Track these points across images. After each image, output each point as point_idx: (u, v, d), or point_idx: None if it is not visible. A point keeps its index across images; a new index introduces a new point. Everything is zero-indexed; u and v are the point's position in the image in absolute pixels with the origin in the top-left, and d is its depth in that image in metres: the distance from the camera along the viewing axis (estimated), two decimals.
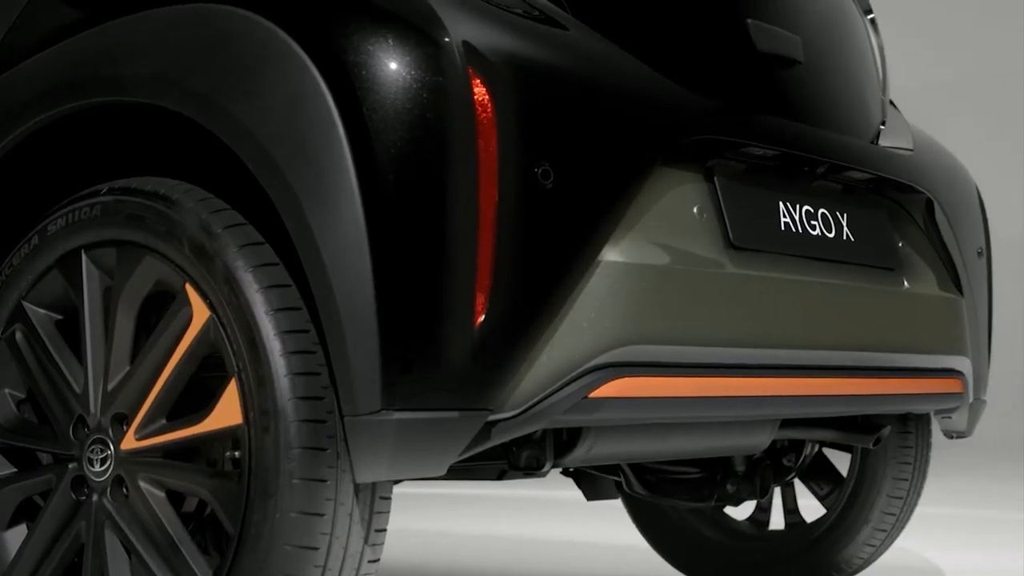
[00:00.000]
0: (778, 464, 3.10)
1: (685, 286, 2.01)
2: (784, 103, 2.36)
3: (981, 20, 10.00)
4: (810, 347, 2.25)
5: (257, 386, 1.77)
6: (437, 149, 1.75)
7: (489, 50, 1.80)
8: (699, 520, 3.34)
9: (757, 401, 2.19)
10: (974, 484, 6.53)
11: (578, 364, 1.85)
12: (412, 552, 4.24)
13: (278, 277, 1.81)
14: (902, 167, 2.62)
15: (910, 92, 9.96)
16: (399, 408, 1.72)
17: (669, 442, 2.38)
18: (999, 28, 9.95)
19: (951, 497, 5.70)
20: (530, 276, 1.81)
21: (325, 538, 1.76)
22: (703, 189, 2.14)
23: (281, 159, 1.76)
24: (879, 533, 3.07)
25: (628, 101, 1.99)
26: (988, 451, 8.26)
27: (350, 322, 1.72)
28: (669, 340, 1.97)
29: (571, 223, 1.86)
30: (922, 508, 3.15)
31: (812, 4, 2.58)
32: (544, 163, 1.82)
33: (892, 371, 2.50)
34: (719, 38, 2.27)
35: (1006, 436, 9.02)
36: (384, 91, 1.74)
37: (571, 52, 1.95)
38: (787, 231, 2.27)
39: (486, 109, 1.77)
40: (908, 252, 2.63)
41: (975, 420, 2.91)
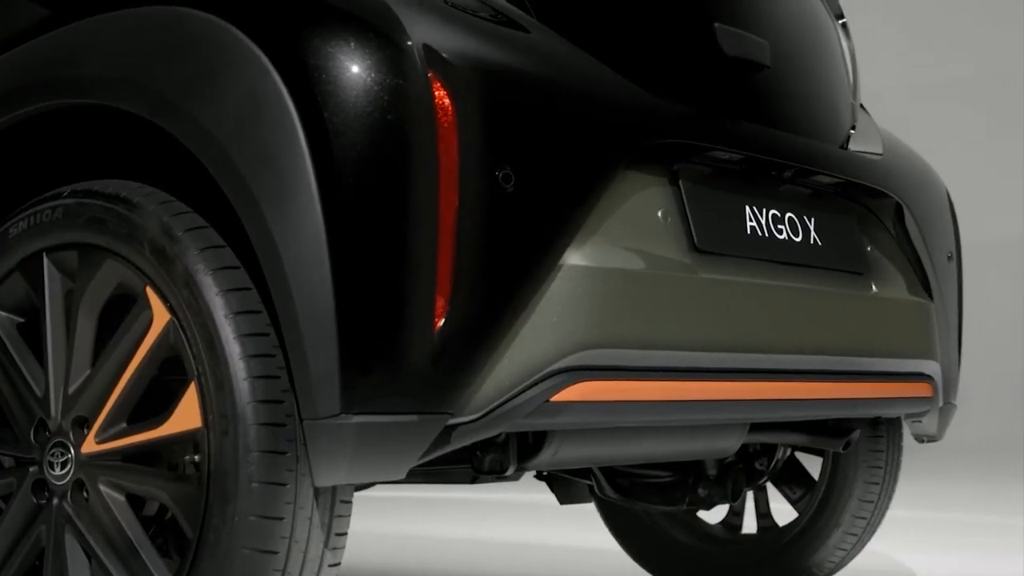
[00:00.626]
0: (750, 468, 3.10)
1: (648, 290, 2.01)
2: (751, 107, 2.36)
3: (981, 20, 10.03)
4: (776, 351, 2.25)
5: (216, 390, 1.76)
6: (397, 153, 1.74)
7: (450, 53, 1.80)
8: (671, 524, 3.34)
9: (722, 405, 2.19)
10: (959, 488, 6.52)
11: (540, 368, 1.85)
12: (384, 555, 4.23)
13: (238, 280, 1.80)
14: (871, 171, 2.62)
15: (910, 93, 10.03)
16: (358, 412, 1.71)
17: (636, 446, 2.38)
18: (999, 28, 9.98)
19: (927, 501, 5.72)
20: (491, 280, 1.81)
21: (284, 542, 1.76)
22: (668, 193, 2.14)
23: (242, 163, 1.76)
24: (850, 537, 3.07)
25: (591, 105, 1.99)
26: (990, 452, 8.29)
27: (309, 325, 1.71)
28: (632, 344, 1.97)
29: (533, 227, 1.86)
30: (909, 512, 3.17)
31: (780, 8, 2.59)
32: (506, 167, 1.82)
33: (860, 375, 2.50)
34: (685, 42, 2.27)
35: (1007, 437, 9.04)
36: (344, 95, 1.74)
37: (533, 55, 1.95)
38: (753, 235, 2.28)
39: (447, 113, 1.77)
40: (877, 256, 2.63)
41: (945, 424, 2.92)
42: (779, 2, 2.60)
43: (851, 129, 2.70)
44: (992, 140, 9.97)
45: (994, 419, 9.36)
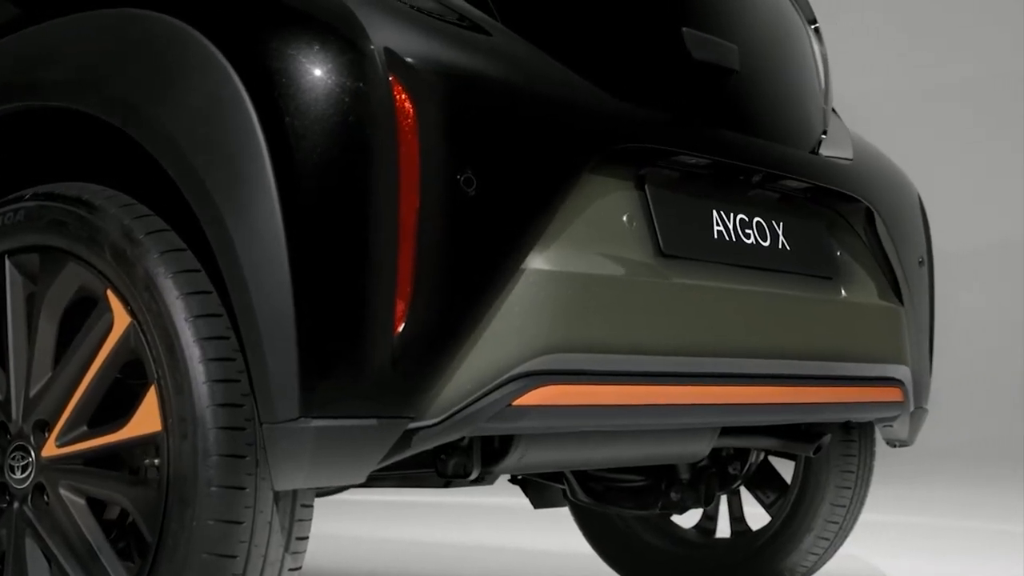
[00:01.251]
0: (723, 472, 3.10)
1: (612, 294, 2.00)
2: (719, 112, 2.36)
3: (981, 21, 10.06)
4: (743, 355, 2.25)
5: (176, 393, 1.76)
6: (357, 156, 1.74)
7: (412, 57, 1.80)
8: (645, 528, 3.34)
9: (690, 409, 2.18)
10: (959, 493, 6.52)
11: (501, 372, 1.85)
12: (359, 559, 4.23)
13: (199, 283, 1.80)
14: (840, 177, 2.62)
15: (910, 94, 10.05)
16: (317, 416, 1.71)
17: (604, 450, 2.38)
18: (999, 29, 10.02)
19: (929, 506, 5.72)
20: (452, 284, 1.81)
21: (244, 546, 1.75)
22: (634, 197, 2.13)
23: (201, 166, 1.76)
24: (822, 541, 3.07)
25: (554, 109, 1.99)
26: (991, 456, 8.28)
27: (268, 329, 1.71)
28: (596, 348, 1.97)
29: (495, 231, 1.86)
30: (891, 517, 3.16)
31: (751, 13, 2.59)
32: (467, 171, 1.82)
33: (829, 380, 2.50)
34: (652, 46, 2.27)
35: (1007, 438, 9.04)
36: (304, 98, 1.73)
37: (496, 59, 1.95)
38: (720, 239, 2.28)
39: (408, 116, 1.77)
40: (846, 261, 2.63)
41: (917, 429, 2.92)
42: (749, 7, 2.60)
43: (822, 134, 2.70)
44: (993, 141, 10.00)
45: (995, 421, 9.38)
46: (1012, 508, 5.48)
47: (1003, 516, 5.24)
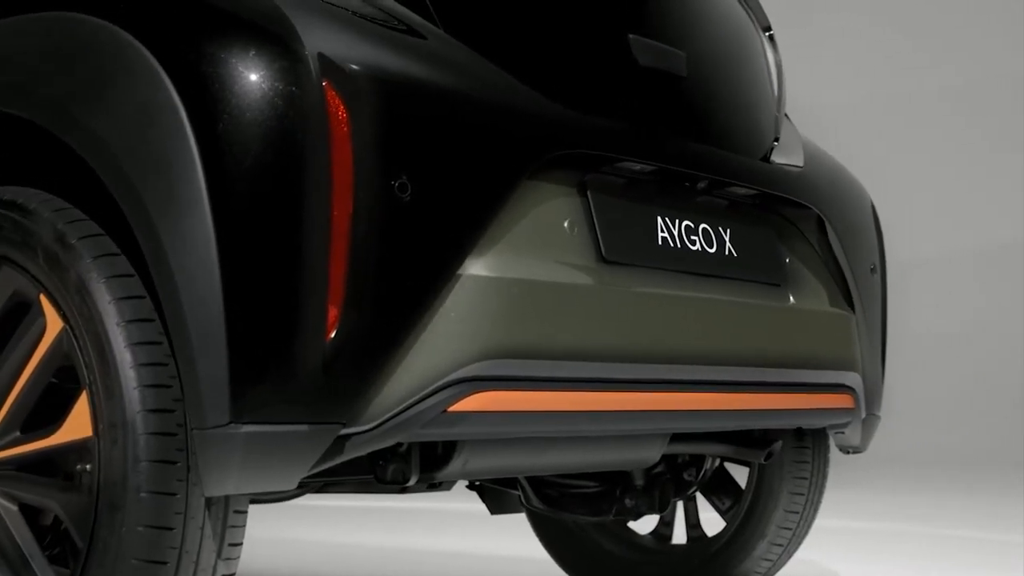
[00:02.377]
0: (678, 478, 3.10)
1: (552, 300, 2.00)
2: (665, 118, 2.36)
3: (979, 24, 10.11)
4: (687, 362, 2.25)
5: (106, 398, 1.75)
6: (289, 162, 1.73)
7: (346, 62, 1.79)
8: (601, 534, 3.34)
9: (631, 416, 2.18)
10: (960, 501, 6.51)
11: (437, 378, 1.85)
12: (317, 563, 4.22)
13: (131, 288, 1.79)
14: (790, 184, 2.63)
15: (910, 97, 10.08)
16: (247, 421, 1.70)
17: (551, 456, 2.38)
18: (997, 32, 10.07)
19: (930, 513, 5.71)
20: (386, 290, 1.80)
21: (174, 552, 1.74)
22: (576, 203, 2.13)
23: (133, 170, 1.75)
24: (776, 548, 3.08)
25: (493, 114, 1.99)
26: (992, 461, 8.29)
27: (199, 334, 1.70)
28: (534, 354, 1.97)
29: (430, 237, 1.85)
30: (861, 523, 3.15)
31: (700, 20, 2.59)
32: (402, 176, 1.82)
33: (777, 386, 2.50)
34: (597, 53, 2.28)
35: (1008, 442, 9.05)
36: (236, 103, 1.73)
37: (432, 64, 1.94)
38: (664, 246, 2.28)
39: (341, 122, 1.76)
40: (796, 268, 2.63)
41: (869, 435, 2.92)
42: (699, 14, 2.60)
43: (774, 141, 2.70)
44: (993, 143, 10.05)
45: (995, 424, 9.40)
46: (1013, 516, 5.45)
47: (1007, 526, 5.21)
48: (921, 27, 10.29)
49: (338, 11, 1.88)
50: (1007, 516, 5.67)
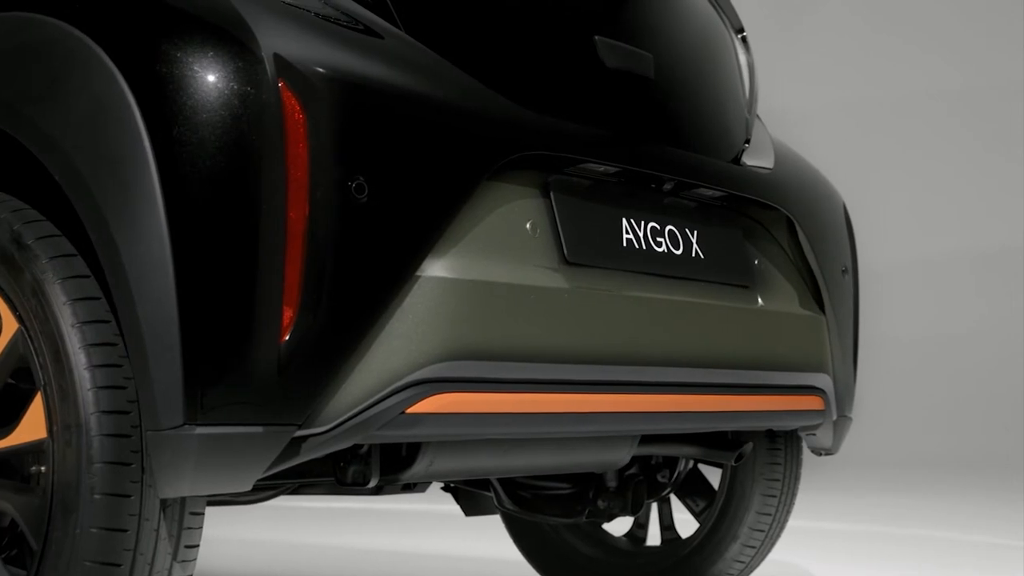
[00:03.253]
0: (652, 480, 3.10)
1: (512, 302, 2.00)
2: (631, 120, 2.36)
3: (982, 30, 10.13)
4: (652, 363, 2.25)
5: (61, 400, 1.74)
6: (244, 162, 1.73)
7: (302, 62, 1.79)
8: (575, 536, 3.34)
9: (594, 418, 2.18)
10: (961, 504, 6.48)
11: (394, 380, 1.84)
12: (295, 565, 4.22)
13: (87, 289, 1.78)
14: (758, 185, 2.62)
15: (910, 100, 10.09)
16: (201, 423, 1.70)
17: (517, 457, 2.38)
18: (1000, 38, 10.08)
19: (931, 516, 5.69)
20: (342, 291, 1.80)
21: (128, 554, 1.74)
22: (539, 204, 2.13)
23: (86, 170, 1.74)
24: (748, 550, 3.07)
25: (452, 115, 1.98)
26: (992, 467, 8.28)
27: (152, 335, 1.70)
28: (494, 356, 1.96)
29: (388, 238, 1.85)
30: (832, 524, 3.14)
31: (670, 22, 2.59)
32: (359, 177, 1.81)
33: (745, 388, 2.50)
34: (561, 54, 2.27)
35: (1005, 445, 9.04)
36: (190, 103, 1.72)
37: (391, 65, 1.93)
38: (629, 247, 2.27)
39: (297, 122, 1.76)
40: (765, 270, 2.63)
41: (841, 437, 2.92)
42: (668, 16, 2.60)
43: (745, 143, 2.70)
44: (993, 146, 10.06)
45: (995, 427, 9.39)
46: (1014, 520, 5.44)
47: (1000, 528, 5.21)
48: (916, 29, 10.31)
49: (295, 11, 1.87)
50: (996, 518, 5.67)
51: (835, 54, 10.40)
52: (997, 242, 10.10)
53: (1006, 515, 5.76)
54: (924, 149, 10.29)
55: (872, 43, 10.37)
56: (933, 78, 10.21)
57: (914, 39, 10.30)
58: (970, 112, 10.19)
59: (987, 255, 10.13)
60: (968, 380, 9.88)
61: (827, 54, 10.41)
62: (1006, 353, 9.83)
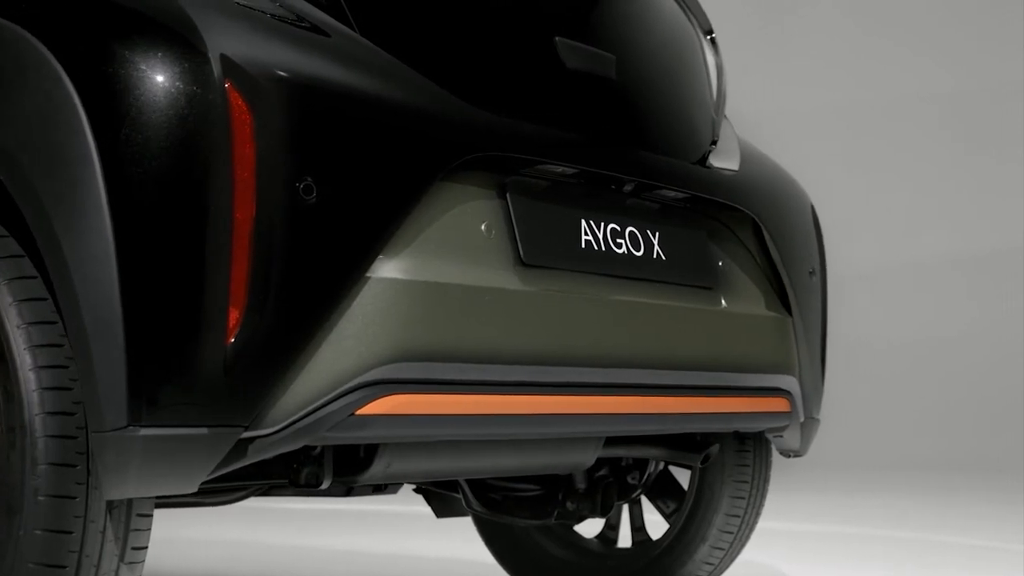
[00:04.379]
0: (622, 482, 3.10)
1: (465, 303, 1.99)
2: (591, 121, 2.35)
3: (973, 32, 10.14)
4: (611, 365, 2.24)
5: (5, 401, 1.74)
6: (189, 163, 1.72)
7: (249, 62, 1.78)
8: (546, 538, 3.33)
9: (551, 419, 2.17)
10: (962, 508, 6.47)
11: (343, 381, 1.84)
12: (263, 565, 4.22)
13: (33, 290, 1.78)
14: (723, 187, 2.62)
15: (901, 103, 10.10)
16: (145, 424, 1.69)
17: (477, 459, 2.37)
18: (991, 40, 10.10)
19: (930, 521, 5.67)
20: (290, 292, 1.79)
21: (73, 556, 1.73)
22: (494, 206, 2.13)
23: (31, 171, 1.74)
24: (717, 552, 3.07)
25: (403, 116, 1.97)
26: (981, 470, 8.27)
27: (97, 336, 1.69)
28: (448, 357, 1.96)
29: (336, 239, 1.84)
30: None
31: (634, 23, 2.59)
32: (307, 178, 1.81)
33: (708, 390, 2.49)
34: (520, 56, 2.27)
35: (1000, 449, 9.03)
36: (136, 103, 1.72)
37: (341, 65, 1.93)
38: (588, 249, 2.27)
39: (244, 123, 1.75)
40: (729, 271, 2.62)
41: (808, 439, 2.92)
42: (633, 17, 2.59)
43: (711, 144, 2.69)
44: (993, 148, 10.07)
45: (988, 429, 9.39)
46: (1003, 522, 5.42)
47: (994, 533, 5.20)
48: (907, 31, 10.31)
49: (244, 11, 1.87)
50: (983, 520, 5.66)
51: (826, 56, 10.40)
52: (988, 244, 10.11)
53: (993, 516, 5.76)
54: (915, 152, 10.29)
55: (863, 45, 10.38)
56: (924, 81, 10.22)
57: (905, 41, 10.30)
58: (961, 115, 10.20)
59: (978, 257, 10.14)
60: (959, 383, 9.88)
61: (818, 56, 10.42)
62: (998, 356, 9.84)
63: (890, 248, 10.31)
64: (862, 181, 10.32)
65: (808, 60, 10.43)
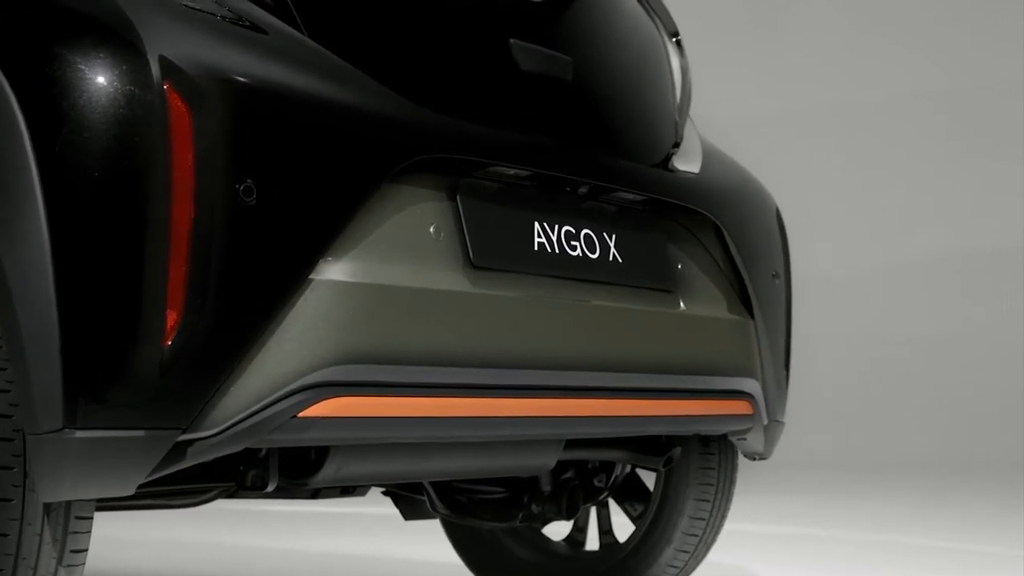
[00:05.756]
0: (588, 484, 3.09)
1: (411, 305, 1.99)
2: (546, 124, 2.35)
3: (967, 30, 10.14)
4: (563, 368, 2.24)
5: None
6: (127, 165, 1.72)
7: (189, 63, 1.77)
8: (514, 540, 3.33)
9: (499, 422, 2.17)
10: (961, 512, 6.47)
11: (285, 383, 1.83)
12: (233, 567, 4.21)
13: None
14: (681, 190, 2.61)
15: (895, 101, 10.10)
16: (81, 427, 1.68)
17: (432, 461, 2.36)
18: (986, 38, 10.09)
19: None
20: (230, 294, 1.78)
21: (10, 559, 1.73)
22: (444, 208, 2.12)
23: None
24: (682, 554, 3.06)
25: (348, 119, 1.97)
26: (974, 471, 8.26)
27: (32, 338, 1.69)
28: (393, 359, 1.95)
29: (278, 241, 1.83)
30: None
31: (592, 26, 2.58)
32: (247, 180, 1.80)
33: (665, 392, 2.49)
34: (474, 58, 2.26)
35: (1009, 450, 9.02)
36: (73, 104, 1.71)
37: (284, 66, 1.92)
38: (541, 251, 2.26)
39: (182, 124, 1.75)
40: (689, 274, 2.62)
41: (773, 442, 2.91)
42: (592, 20, 2.58)
43: (673, 147, 2.69)
44: (993, 149, 10.07)
45: (981, 429, 9.39)
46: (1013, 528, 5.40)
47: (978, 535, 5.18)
48: (901, 29, 10.31)
49: (185, 11, 1.85)
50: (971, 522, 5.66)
51: (820, 54, 10.40)
52: (985, 243, 10.11)
53: (992, 520, 5.74)
54: (910, 150, 10.29)
55: (857, 43, 10.37)
56: (919, 78, 10.21)
57: (899, 39, 10.30)
58: (956, 112, 10.20)
59: (973, 256, 10.13)
60: (954, 383, 9.87)
61: (812, 54, 10.41)
62: (994, 356, 9.84)
63: (884, 247, 10.31)
64: (857, 179, 10.32)
65: (802, 58, 10.43)
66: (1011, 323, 9.86)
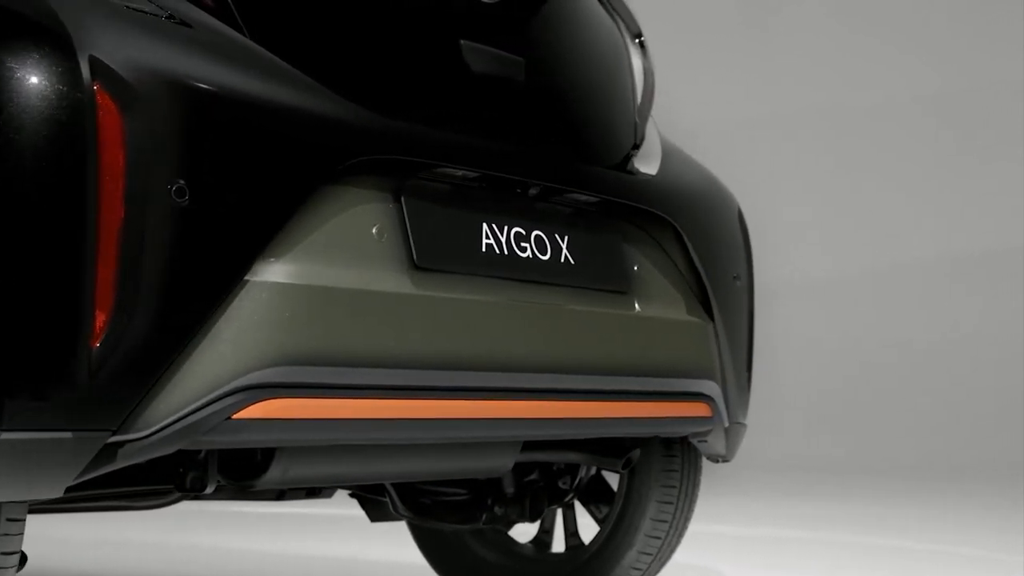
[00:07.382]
0: (553, 487, 3.08)
1: (350, 306, 1.98)
2: (494, 125, 2.34)
3: (960, 32, 10.13)
4: (511, 369, 2.23)
5: None
6: (55, 164, 1.71)
7: (120, 62, 1.76)
8: (480, 542, 3.32)
9: (439, 424, 2.15)
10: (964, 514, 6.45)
11: (218, 385, 1.82)
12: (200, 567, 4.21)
13: None
14: (637, 191, 2.60)
15: (887, 103, 10.10)
16: (6, 428, 1.67)
17: (382, 463, 2.36)
18: (979, 40, 10.08)
19: None
20: (162, 295, 1.78)
21: None
22: (388, 209, 2.11)
23: None
24: (645, 557, 3.05)
25: (285, 119, 1.95)
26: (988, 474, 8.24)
27: None
28: (331, 361, 1.95)
29: (212, 242, 1.83)
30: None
31: (547, 28, 2.56)
32: (179, 181, 1.79)
33: (621, 394, 2.48)
34: (421, 59, 2.25)
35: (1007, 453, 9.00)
36: (1, 103, 1.70)
37: (220, 67, 1.91)
38: (490, 252, 2.25)
39: (112, 124, 1.74)
40: (645, 276, 2.61)
41: (735, 444, 2.90)
42: (547, 22, 2.57)
43: (633, 148, 2.68)
44: (992, 149, 10.06)
45: (978, 432, 9.37)
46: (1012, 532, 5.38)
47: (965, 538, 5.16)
48: (893, 31, 10.30)
49: (119, 11, 1.84)
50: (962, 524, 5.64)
51: (811, 56, 10.38)
52: (975, 246, 10.09)
53: (990, 524, 5.72)
54: (901, 152, 10.27)
55: (848, 45, 10.36)
56: (911, 80, 10.20)
57: (891, 41, 10.29)
58: (949, 114, 10.18)
59: (964, 258, 10.12)
60: (951, 386, 9.86)
61: (803, 56, 10.40)
62: (985, 358, 9.82)
63: (875, 250, 10.29)
64: (847, 182, 10.30)
65: (793, 60, 10.41)
66: (1002, 326, 9.84)
